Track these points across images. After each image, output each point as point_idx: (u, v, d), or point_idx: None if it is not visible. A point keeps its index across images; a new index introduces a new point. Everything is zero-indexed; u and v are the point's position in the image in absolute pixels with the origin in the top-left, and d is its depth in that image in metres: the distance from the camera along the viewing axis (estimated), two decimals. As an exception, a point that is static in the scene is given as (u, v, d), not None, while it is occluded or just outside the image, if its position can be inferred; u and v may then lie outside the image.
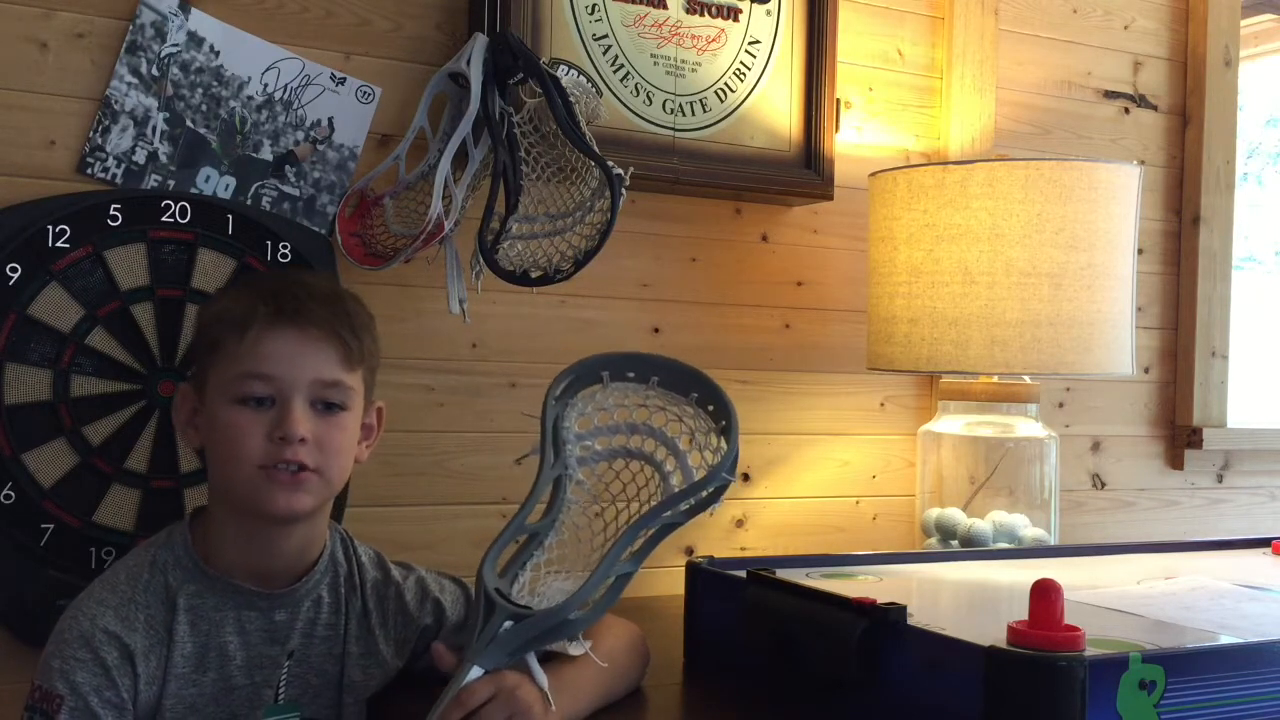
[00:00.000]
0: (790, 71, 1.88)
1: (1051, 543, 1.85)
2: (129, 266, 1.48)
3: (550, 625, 1.10)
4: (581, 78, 1.67)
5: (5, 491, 1.41)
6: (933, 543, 1.86)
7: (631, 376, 1.25)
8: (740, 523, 1.93)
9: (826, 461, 2.00)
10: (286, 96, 1.59)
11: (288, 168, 1.59)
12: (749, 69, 1.85)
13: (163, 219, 1.49)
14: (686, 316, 1.88)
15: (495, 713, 1.07)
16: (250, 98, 1.57)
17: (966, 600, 1.44)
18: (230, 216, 1.53)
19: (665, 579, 1.78)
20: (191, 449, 1.39)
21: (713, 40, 1.82)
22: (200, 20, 1.54)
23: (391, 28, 1.66)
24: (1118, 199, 1.73)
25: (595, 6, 1.73)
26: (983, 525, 1.81)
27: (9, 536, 1.41)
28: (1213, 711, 1.03)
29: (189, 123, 1.53)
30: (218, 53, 1.55)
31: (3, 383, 1.42)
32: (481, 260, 1.53)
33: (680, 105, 1.80)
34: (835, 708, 1.16)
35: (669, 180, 1.78)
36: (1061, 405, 2.22)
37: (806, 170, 1.88)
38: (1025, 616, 1.02)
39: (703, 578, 1.40)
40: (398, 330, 1.66)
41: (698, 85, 1.81)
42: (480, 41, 1.57)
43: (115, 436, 1.46)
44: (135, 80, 1.50)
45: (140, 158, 1.51)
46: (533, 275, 1.52)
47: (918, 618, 1.12)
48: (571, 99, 1.57)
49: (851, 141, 2.00)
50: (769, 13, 1.87)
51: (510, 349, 1.75)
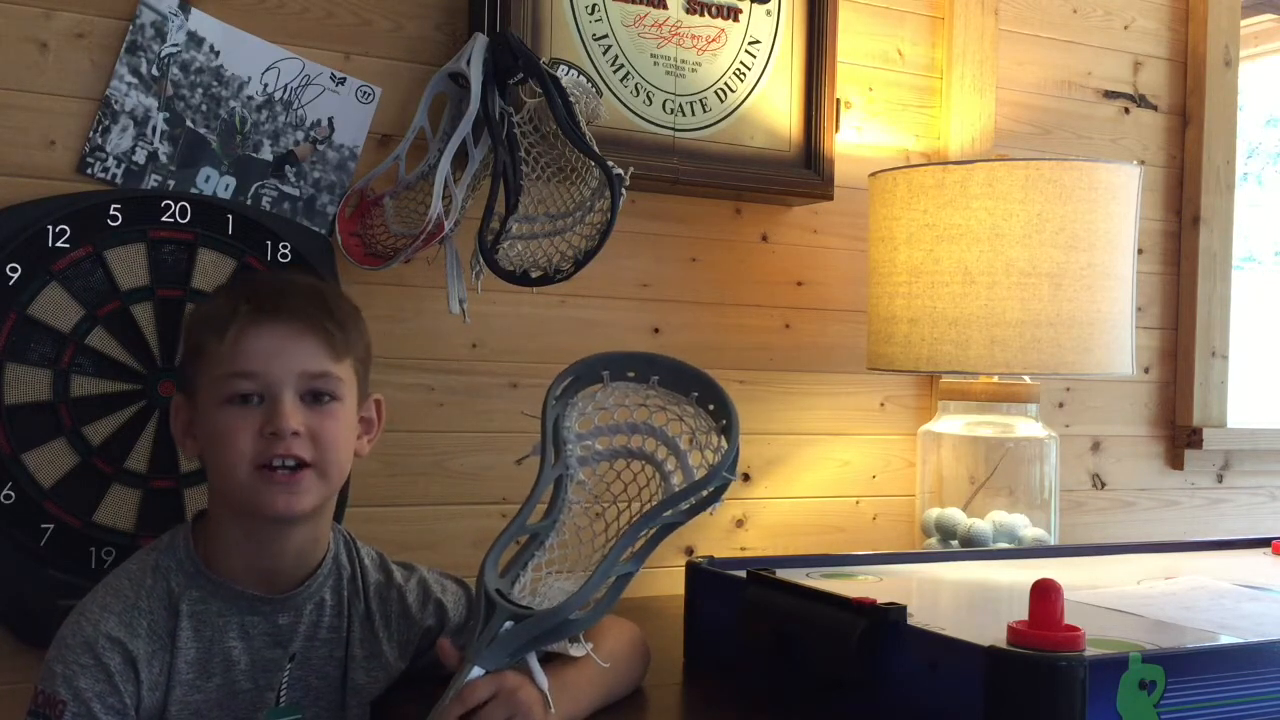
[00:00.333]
0: (790, 71, 1.88)
1: (1051, 543, 1.85)
2: (129, 266, 1.48)
3: (551, 625, 1.10)
4: (581, 78, 1.67)
5: (5, 491, 1.41)
6: (933, 543, 1.86)
7: (632, 376, 1.25)
8: (740, 523, 1.93)
9: (826, 461, 2.00)
10: (286, 96, 1.59)
11: (288, 168, 1.59)
12: (749, 69, 1.85)
13: (163, 219, 1.49)
14: (686, 316, 1.88)
15: (495, 712, 1.07)
16: (250, 98, 1.57)
17: (966, 600, 1.44)
18: (230, 216, 1.53)
19: (665, 579, 1.78)
20: (191, 458, 1.38)
21: (713, 40, 1.82)
22: (200, 20, 1.54)
23: (391, 28, 1.66)
24: (1118, 199, 1.73)
25: (595, 6, 1.73)
26: (983, 525, 1.81)
27: (9, 536, 1.41)
28: (1213, 711, 1.03)
29: (189, 123, 1.53)
30: (218, 53, 1.55)
31: (3, 383, 1.42)
32: (481, 260, 1.53)
33: (680, 105, 1.80)
34: (835, 708, 1.16)
35: (669, 180, 1.78)
36: (1061, 405, 2.22)
37: (806, 170, 1.88)
38: (1025, 616, 1.02)
39: (703, 578, 1.40)
40: (398, 330, 1.66)
41: (698, 85, 1.81)
42: (480, 41, 1.57)
43: (115, 436, 1.46)
44: (135, 80, 1.50)
45: (140, 158, 1.51)
46: (533, 275, 1.52)
47: (918, 618, 1.12)
48: (571, 99, 1.57)
49: (851, 141, 2.00)
50: (769, 13, 1.87)
51: (510, 349, 1.75)
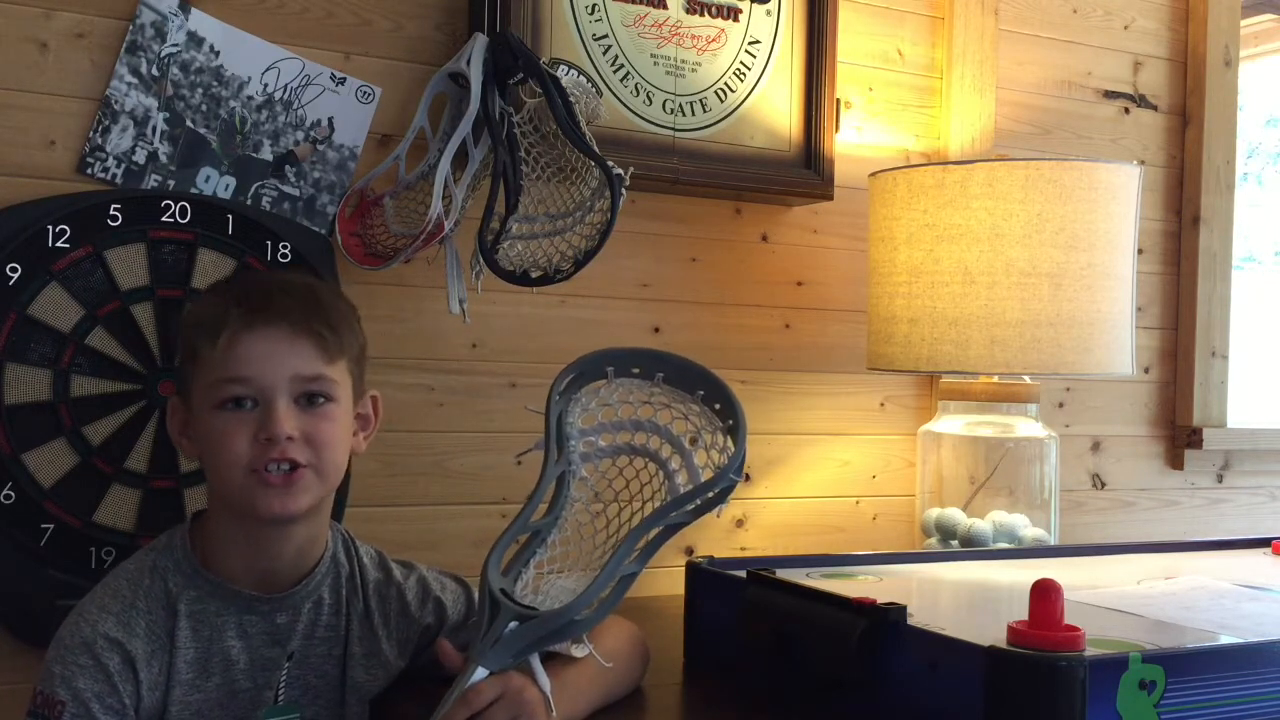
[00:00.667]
0: (790, 71, 1.88)
1: (1051, 543, 1.85)
2: (129, 266, 1.48)
3: (556, 626, 1.10)
4: (581, 78, 1.67)
5: (5, 491, 1.41)
6: (933, 543, 1.86)
7: (637, 372, 1.24)
8: (740, 523, 1.93)
9: (826, 461, 2.00)
10: (286, 96, 1.59)
11: (288, 168, 1.59)
12: (749, 69, 1.85)
13: (163, 219, 1.49)
14: (686, 316, 1.88)
15: (500, 713, 1.07)
16: (250, 98, 1.57)
17: (966, 600, 1.44)
18: (230, 216, 1.53)
19: (665, 579, 1.78)
20: (189, 458, 1.38)
21: (713, 40, 1.82)
22: (200, 20, 1.54)
23: (391, 28, 1.66)
24: (1118, 199, 1.73)
25: (595, 6, 1.73)
26: (983, 525, 1.81)
27: (9, 536, 1.41)
28: (1213, 711, 1.03)
29: (189, 123, 1.53)
30: (218, 53, 1.55)
31: (3, 383, 1.42)
32: (481, 260, 1.53)
33: (680, 105, 1.80)
34: (835, 708, 1.16)
35: (669, 180, 1.78)
36: (1061, 405, 2.22)
37: (806, 170, 1.88)
38: (1025, 616, 1.02)
39: (703, 578, 1.40)
40: (398, 330, 1.66)
41: (698, 85, 1.81)
42: (480, 41, 1.57)
43: (115, 436, 1.46)
44: (135, 80, 1.50)
45: (140, 158, 1.51)
46: (533, 275, 1.52)
47: (918, 618, 1.12)
48: (571, 99, 1.57)
49: (851, 141, 2.00)
50: (769, 13, 1.87)
51: (510, 349, 1.75)
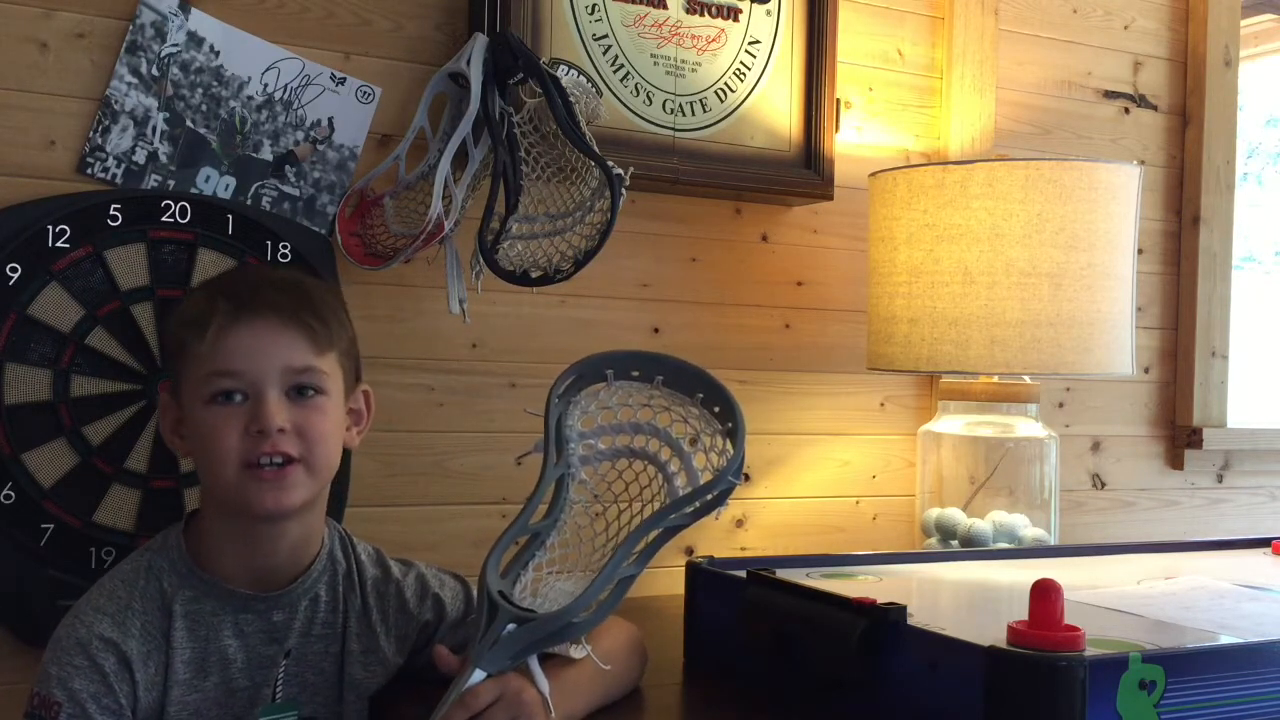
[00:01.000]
0: (790, 71, 1.88)
1: (1051, 543, 1.85)
2: (129, 266, 1.48)
3: (554, 628, 1.10)
4: (581, 78, 1.67)
5: (5, 491, 1.41)
6: (933, 543, 1.86)
7: (636, 375, 1.24)
8: (740, 523, 1.93)
9: (826, 461, 2.00)
10: (286, 96, 1.59)
11: (288, 168, 1.59)
12: (749, 69, 1.85)
13: (163, 219, 1.49)
14: (686, 316, 1.88)
15: (499, 715, 1.06)
16: (250, 98, 1.57)
17: (966, 600, 1.44)
18: (230, 216, 1.53)
19: (665, 579, 1.78)
20: (180, 457, 1.38)
21: (713, 40, 1.82)
22: (200, 20, 1.54)
23: (391, 28, 1.66)
24: (1118, 199, 1.73)
25: (595, 6, 1.73)
26: (983, 525, 1.81)
27: (9, 536, 1.41)
28: (1213, 711, 1.03)
29: (189, 123, 1.53)
30: (218, 53, 1.55)
31: (3, 383, 1.42)
32: (481, 260, 1.53)
33: (680, 105, 1.80)
34: (835, 708, 1.16)
35: (669, 180, 1.78)
36: (1061, 405, 2.22)
37: (806, 170, 1.88)
38: (1025, 616, 1.02)
39: (703, 578, 1.40)
40: (398, 330, 1.66)
41: (698, 85, 1.81)
42: (480, 41, 1.57)
43: (115, 436, 1.46)
44: (135, 80, 1.50)
45: (140, 158, 1.51)
46: (533, 275, 1.52)
47: (918, 618, 1.12)
48: (571, 99, 1.57)
49: (851, 141, 2.00)
50: (769, 13, 1.87)
51: (510, 349, 1.75)
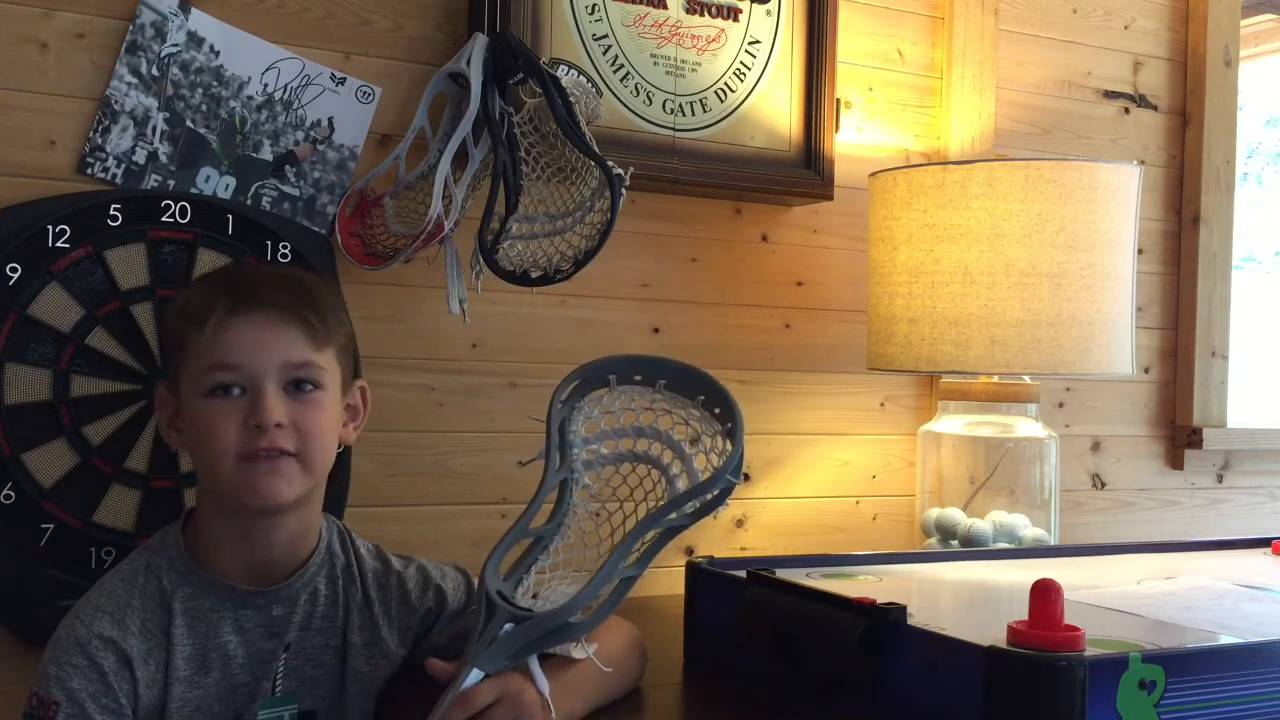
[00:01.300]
0: (790, 71, 1.88)
1: (1051, 543, 1.85)
2: (129, 266, 1.48)
3: (552, 628, 1.10)
4: (581, 78, 1.67)
5: (5, 491, 1.41)
6: (933, 543, 1.86)
7: (639, 380, 1.24)
8: (740, 523, 1.93)
9: (826, 461, 2.00)
10: (286, 96, 1.59)
11: (288, 168, 1.59)
12: (749, 69, 1.85)
13: (163, 219, 1.49)
14: (686, 316, 1.88)
15: (500, 716, 1.06)
16: (250, 98, 1.57)
17: (966, 600, 1.44)
18: (230, 216, 1.53)
19: (665, 579, 1.78)
20: (177, 451, 1.38)
21: (713, 40, 1.82)
22: (200, 20, 1.54)
23: (391, 28, 1.66)
24: (1118, 199, 1.73)
25: (595, 6, 1.73)
26: (983, 525, 1.81)
27: (9, 536, 1.41)
28: (1213, 711, 1.03)
29: (189, 123, 1.53)
30: (218, 53, 1.55)
31: (3, 383, 1.42)
32: (481, 260, 1.53)
33: (680, 105, 1.80)
34: (835, 708, 1.16)
35: (669, 180, 1.78)
36: (1061, 405, 2.22)
37: (806, 170, 1.88)
38: (1025, 616, 1.02)
39: (703, 578, 1.40)
40: (398, 330, 1.66)
41: (698, 85, 1.81)
42: (480, 41, 1.57)
43: (115, 436, 1.46)
44: (135, 80, 1.50)
45: (140, 158, 1.51)
46: (533, 275, 1.52)
47: (918, 618, 1.12)
48: (571, 99, 1.57)
49: (851, 141, 2.00)
50: (769, 13, 1.87)
51: (510, 349, 1.75)
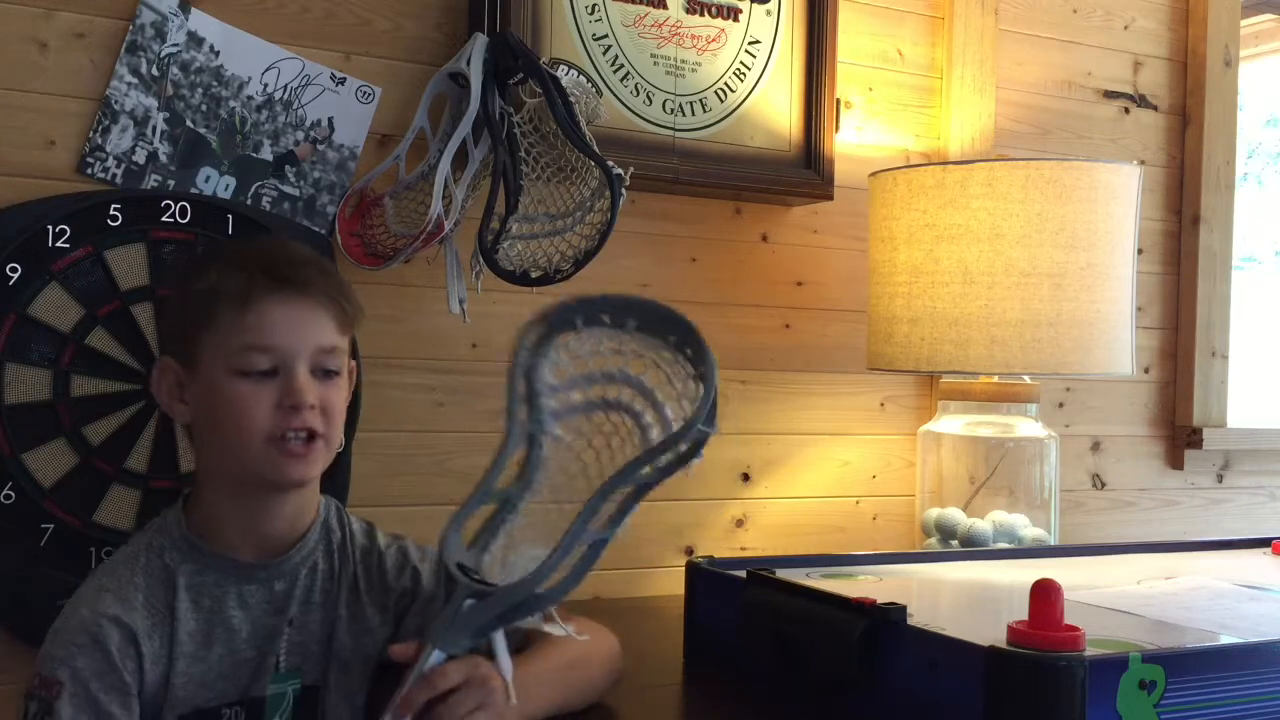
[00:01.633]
0: (790, 71, 1.88)
1: (1051, 543, 1.85)
2: (129, 266, 1.48)
3: (517, 601, 1.03)
4: (581, 78, 1.67)
5: (5, 491, 1.41)
6: (933, 543, 1.86)
7: (606, 320, 1.15)
8: (740, 523, 1.93)
9: (826, 461, 2.00)
10: (286, 96, 1.59)
11: (288, 168, 1.59)
12: (749, 69, 1.85)
13: (163, 219, 1.49)
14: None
15: (465, 700, 1.03)
16: (250, 98, 1.57)
17: (966, 600, 1.44)
18: (230, 216, 1.53)
19: (665, 579, 1.78)
20: (180, 423, 1.36)
21: (713, 40, 1.82)
22: (200, 20, 1.54)
23: (391, 28, 1.66)
24: (1118, 199, 1.73)
25: (595, 6, 1.73)
26: (983, 525, 1.81)
27: (9, 536, 1.41)
28: (1213, 711, 1.03)
29: (189, 123, 1.53)
30: (218, 53, 1.55)
31: (3, 383, 1.42)
32: (481, 260, 1.53)
33: (680, 105, 1.80)
34: (835, 708, 1.16)
35: (669, 180, 1.78)
36: (1061, 405, 2.22)
37: (806, 170, 1.88)
38: (1025, 616, 1.02)
39: (703, 578, 1.40)
40: (398, 330, 1.66)
41: (698, 85, 1.81)
42: (480, 41, 1.57)
43: (115, 436, 1.46)
44: (135, 80, 1.50)
45: (140, 158, 1.51)
46: (533, 275, 1.52)
47: (918, 618, 1.12)
48: (571, 99, 1.57)
49: (851, 141, 2.00)
50: (769, 13, 1.87)
51: (510, 349, 1.74)
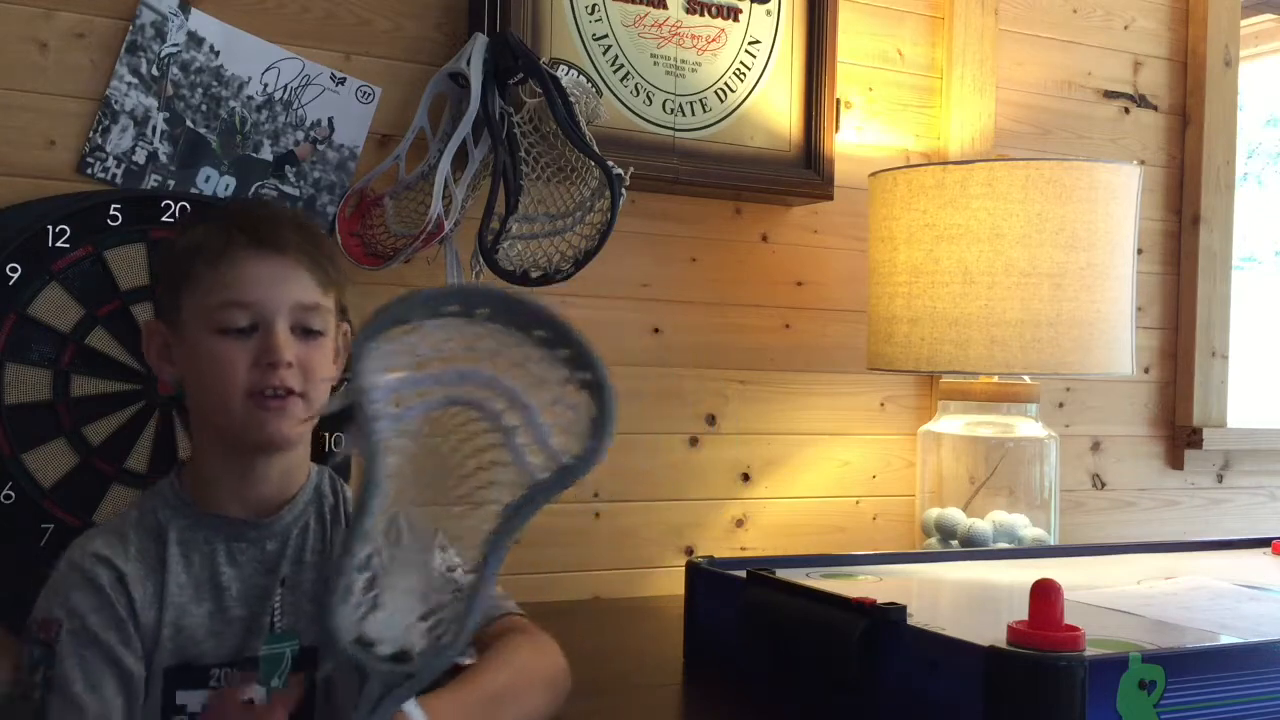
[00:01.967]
0: (790, 71, 1.88)
1: (1051, 543, 1.85)
2: (129, 266, 1.48)
3: (437, 672, 0.95)
4: (581, 78, 1.67)
5: (5, 491, 1.41)
6: (933, 543, 1.86)
7: (455, 311, 0.96)
8: (740, 523, 1.93)
9: (826, 461, 2.00)
10: (286, 96, 1.59)
11: (288, 168, 1.59)
12: (749, 69, 1.85)
13: (163, 219, 1.49)
14: (686, 316, 1.88)
15: None
16: (250, 98, 1.57)
17: (966, 600, 1.44)
18: (230, 216, 1.53)
19: (665, 579, 1.78)
20: (168, 383, 1.35)
21: (713, 40, 1.83)
22: (200, 20, 1.54)
23: (391, 28, 1.66)
24: (1118, 199, 1.73)
25: (595, 6, 1.73)
26: (983, 525, 1.81)
27: (9, 536, 1.41)
28: (1213, 711, 1.03)
29: (189, 123, 1.53)
30: (218, 53, 1.55)
31: (3, 383, 1.42)
32: (481, 260, 1.53)
33: (680, 105, 1.80)
34: (835, 708, 1.16)
35: (669, 180, 1.78)
36: (1061, 405, 2.22)
37: (806, 170, 1.88)
38: (1025, 616, 1.02)
39: (703, 578, 1.40)
40: (398, 330, 1.66)
41: (698, 85, 1.81)
42: (480, 41, 1.57)
43: (115, 436, 1.46)
44: (135, 80, 1.51)
45: (140, 158, 1.51)
46: (533, 275, 1.52)
47: (918, 618, 1.12)
48: (571, 99, 1.57)
49: (851, 141, 2.00)
50: (769, 13, 1.87)
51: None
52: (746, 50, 1.85)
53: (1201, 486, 2.37)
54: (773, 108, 1.87)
